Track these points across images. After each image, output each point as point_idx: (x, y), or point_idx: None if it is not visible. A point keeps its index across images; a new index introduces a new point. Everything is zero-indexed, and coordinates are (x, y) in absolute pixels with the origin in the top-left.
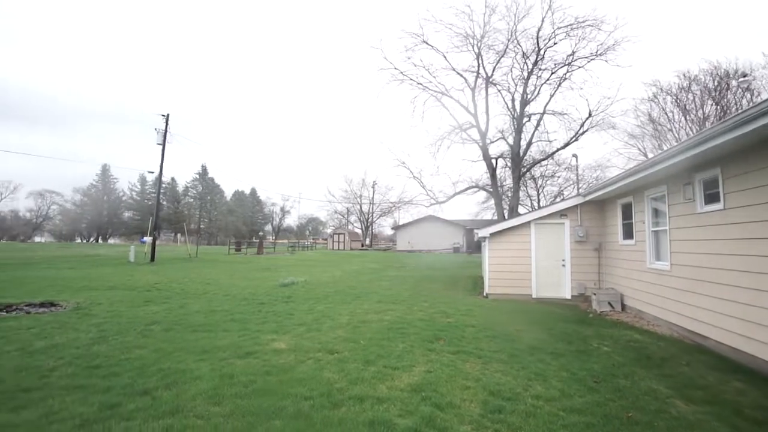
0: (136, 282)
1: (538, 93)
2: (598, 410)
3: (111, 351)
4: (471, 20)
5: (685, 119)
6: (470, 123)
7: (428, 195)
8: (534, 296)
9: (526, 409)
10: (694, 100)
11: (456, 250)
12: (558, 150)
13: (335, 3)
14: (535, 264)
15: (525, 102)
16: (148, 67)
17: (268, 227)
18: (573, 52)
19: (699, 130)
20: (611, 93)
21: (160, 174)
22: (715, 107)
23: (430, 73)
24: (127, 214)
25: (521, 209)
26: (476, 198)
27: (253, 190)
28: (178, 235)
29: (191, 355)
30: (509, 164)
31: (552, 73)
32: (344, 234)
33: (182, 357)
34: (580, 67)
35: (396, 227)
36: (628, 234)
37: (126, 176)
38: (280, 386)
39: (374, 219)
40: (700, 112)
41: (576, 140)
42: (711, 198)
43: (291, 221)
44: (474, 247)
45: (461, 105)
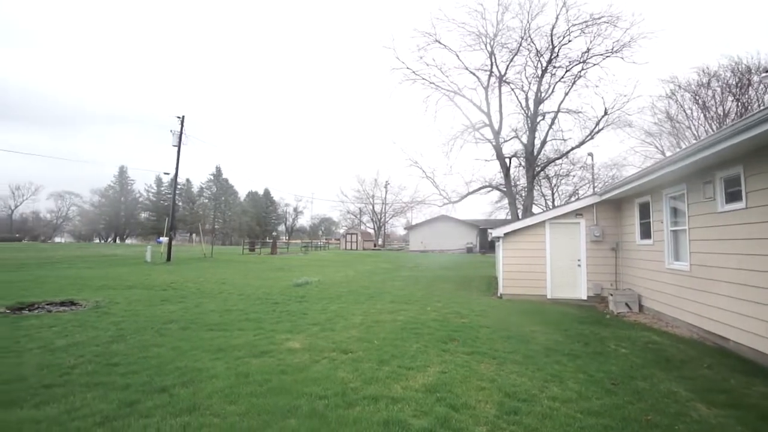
0: (153, 281)
1: (553, 91)
2: (617, 413)
3: (129, 349)
4: (484, 19)
5: (705, 116)
6: (483, 122)
7: (441, 195)
8: (549, 297)
9: (543, 411)
10: (714, 97)
11: (469, 250)
12: (573, 149)
13: (348, 3)
14: (550, 264)
15: (539, 100)
16: (165, 70)
17: (282, 227)
18: (588, 50)
19: (719, 128)
20: (627, 90)
21: (176, 175)
22: (736, 104)
23: (443, 73)
24: (144, 215)
25: (535, 209)
26: (490, 198)
27: (267, 191)
28: (193, 236)
29: (207, 354)
30: (523, 163)
31: (566, 71)
32: (357, 234)
33: (198, 355)
34: (596, 65)
35: (409, 227)
36: (646, 234)
37: (142, 178)
38: (295, 385)
39: (387, 219)
40: (720, 109)
41: (591, 139)
42: (732, 197)
43: (304, 221)
44: (488, 247)
45: (474, 104)
